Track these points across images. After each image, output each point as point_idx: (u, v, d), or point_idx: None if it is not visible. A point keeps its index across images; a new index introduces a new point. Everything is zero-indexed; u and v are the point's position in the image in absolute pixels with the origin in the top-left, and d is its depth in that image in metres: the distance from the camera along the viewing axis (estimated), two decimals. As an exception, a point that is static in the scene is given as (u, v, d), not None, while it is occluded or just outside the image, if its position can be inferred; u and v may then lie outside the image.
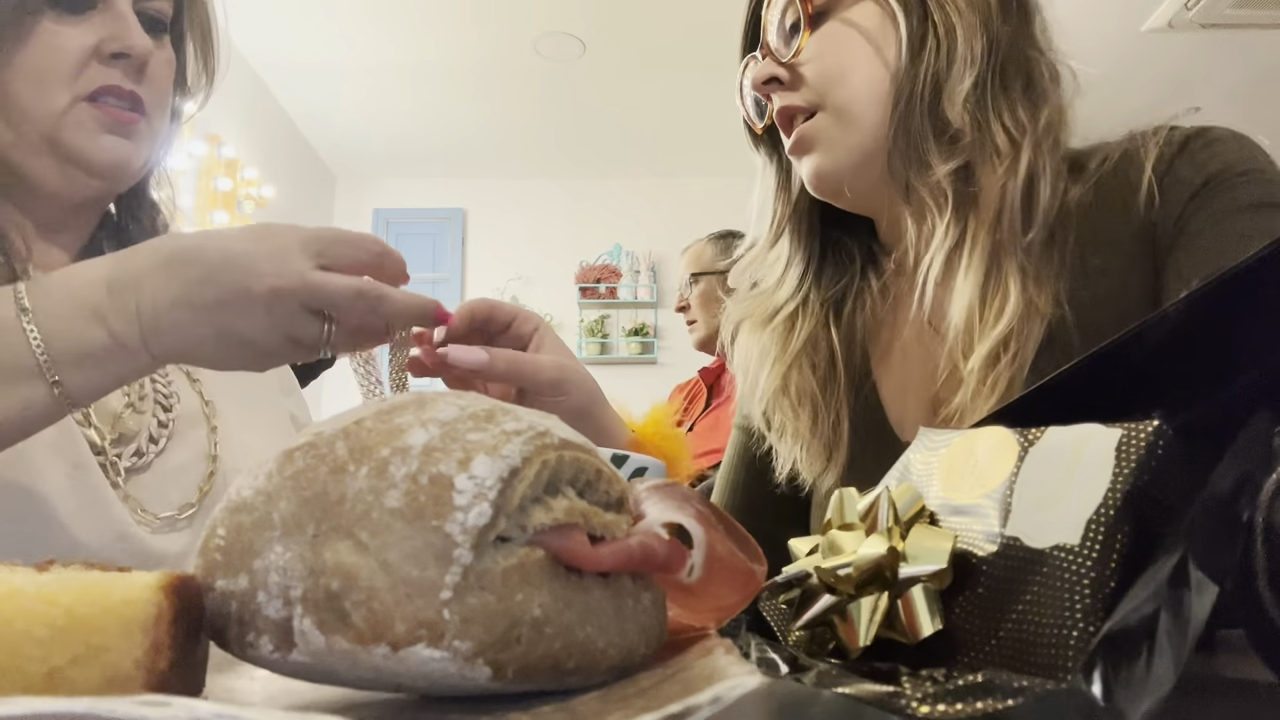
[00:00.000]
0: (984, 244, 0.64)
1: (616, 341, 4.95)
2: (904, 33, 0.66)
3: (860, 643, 0.30)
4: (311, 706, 0.27)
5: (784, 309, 0.77)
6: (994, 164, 0.64)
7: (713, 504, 0.35)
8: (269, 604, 0.24)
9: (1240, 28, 3.33)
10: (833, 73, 0.68)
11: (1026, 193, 0.64)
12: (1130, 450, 0.27)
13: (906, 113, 0.66)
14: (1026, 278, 0.62)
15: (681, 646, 0.30)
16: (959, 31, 0.65)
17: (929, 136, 0.65)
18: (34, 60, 0.63)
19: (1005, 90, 0.66)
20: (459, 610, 0.23)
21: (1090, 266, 0.63)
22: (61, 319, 0.50)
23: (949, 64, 0.65)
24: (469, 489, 0.24)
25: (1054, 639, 0.26)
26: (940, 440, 0.36)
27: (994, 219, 0.64)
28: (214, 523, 0.27)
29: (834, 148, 0.69)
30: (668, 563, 0.29)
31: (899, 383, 0.74)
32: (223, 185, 3.41)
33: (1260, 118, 3.16)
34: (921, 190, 0.66)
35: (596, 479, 0.28)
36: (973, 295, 0.63)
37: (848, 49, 0.68)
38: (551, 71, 3.91)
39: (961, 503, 0.32)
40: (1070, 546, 0.26)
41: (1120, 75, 3.79)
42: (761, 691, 0.21)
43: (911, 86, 0.66)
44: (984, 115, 0.65)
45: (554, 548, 0.26)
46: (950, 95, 0.64)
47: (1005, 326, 0.61)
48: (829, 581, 0.33)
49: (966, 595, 0.30)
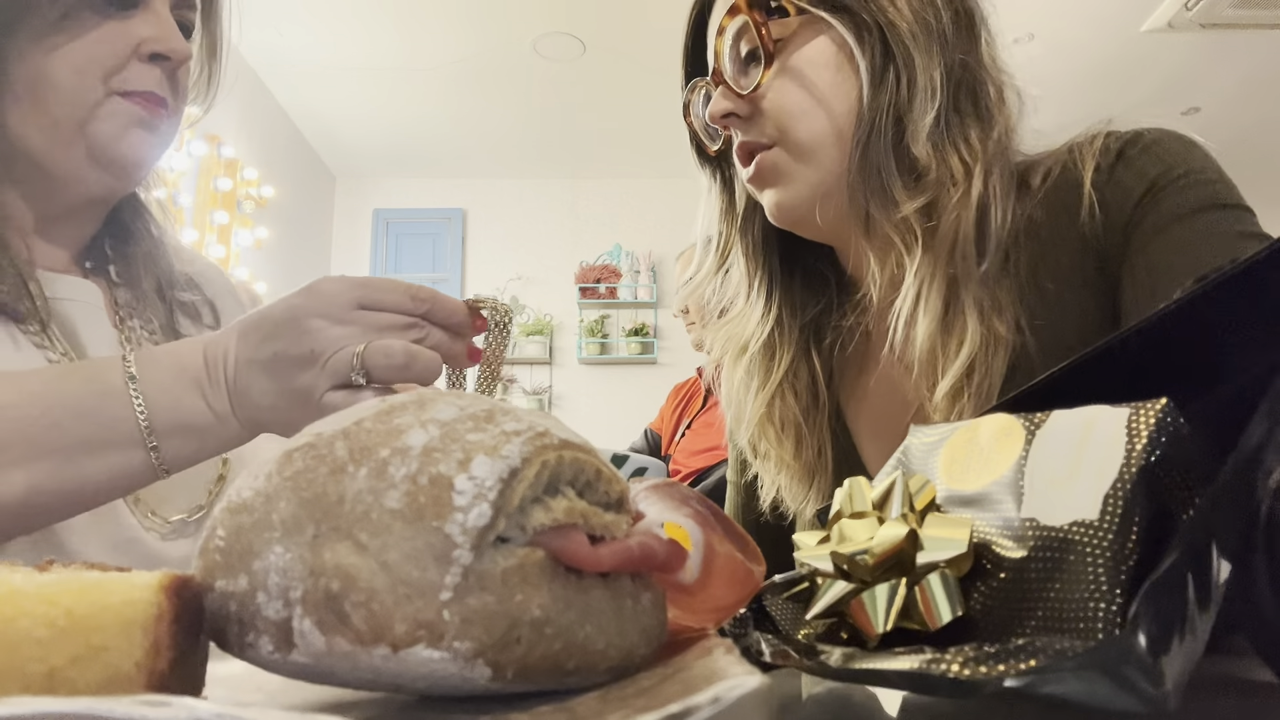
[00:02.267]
0: (941, 277, 0.63)
1: (616, 341, 4.95)
2: (864, 67, 0.64)
3: (879, 630, 0.30)
4: (311, 707, 0.27)
5: (758, 333, 0.76)
6: (949, 194, 0.63)
7: (712, 504, 0.36)
8: (269, 605, 0.24)
9: (1240, 28, 3.33)
10: (792, 110, 0.66)
11: (979, 222, 0.63)
12: (1141, 426, 0.27)
13: (869, 148, 0.64)
14: (984, 308, 0.62)
15: (681, 646, 0.30)
16: (917, 61, 0.63)
17: (894, 173, 0.64)
18: (78, 50, 0.64)
19: (960, 116, 0.65)
20: (459, 611, 0.23)
21: (1045, 290, 0.62)
22: (165, 389, 0.52)
23: (910, 97, 0.63)
24: (469, 489, 0.24)
25: (1081, 614, 0.25)
26: (935, 433, 0.36)
27: (949, 251, 0.63)
28: (214, 523, 0.27)
29: (794, 182, 0.68)
30: (667, 563, 0.29)
31: (869, 418, 0.74)
32: (223, 185, 3.42)
33: (1260, 118, 3.17)
34: (887, 227, 0.65)
35: (596, 479, 0.28)
36: (933, 329, 0.62)
37: (806, 84, 0.66)
38: (551, 71, 3.91)
39: (968, 491, 0.32)
40: (1090, 522, 0.26)
41: (1120, 75, 3.79)
42: (762, 691, 0.21)
43: (873, 120, 0.64)
44: (943, 146, 0.64)
45: (554, 548, 0.26)
46: (914, 131, 0.63)
47: (966, 358, 0.61)
48: (845, 568, 0.32)
49: (984, 581, 0.29)
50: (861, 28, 0.65)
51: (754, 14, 0.66)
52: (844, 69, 0.66)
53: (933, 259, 0.63)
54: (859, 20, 0.65)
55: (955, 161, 0.64)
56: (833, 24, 0.65)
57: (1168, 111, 4.46)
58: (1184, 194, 0.60)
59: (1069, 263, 0.63)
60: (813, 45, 0.67)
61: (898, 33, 0.64)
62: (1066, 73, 3.67)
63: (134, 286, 0.75)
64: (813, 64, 0.66)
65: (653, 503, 0.33)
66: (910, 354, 0.64)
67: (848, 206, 0.67)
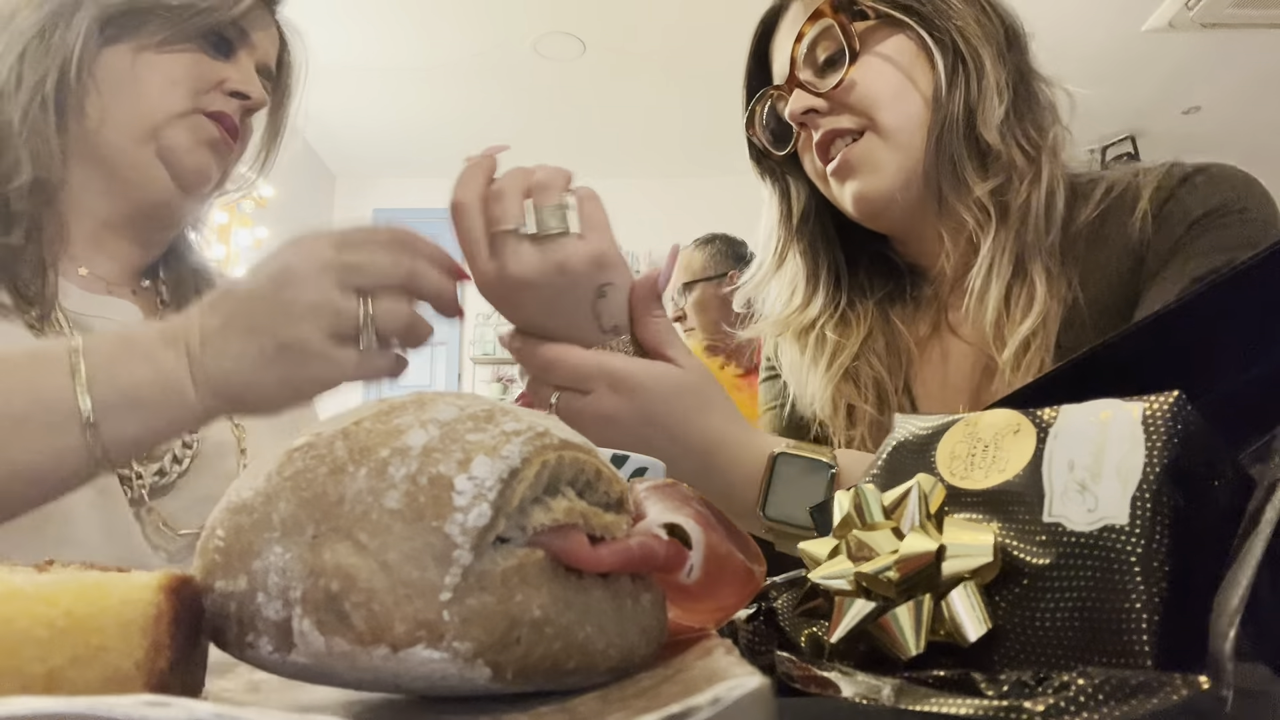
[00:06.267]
0: (1012, 249, 0.70)
1: (616, 341, 4.95)
2: (940, 62, 0.71)
3: (911, 651, 0.28)
4: (311, 707, 0.27)
5: (826, 316, 0.83)
6: (1017, 179, 0.70)
7: (712, 504, 0.35)
8: (268, 605, 0.24)
9: (1240, 28, 3.33)
10: (881, 95, 0.73)
11: (1048, 201, 0.70)
12: (1158, 423, 0.27)
13: (944, 137, 0.71)
14: (1050, 275, 0.69)
15: (681, 647, 0.30)
16: (986, 61, 0.71)
17: (965, 159, 0.71)
18: (174, 67, 0.72)
19: (1019, 114, 0.72)
20: (459, 611, 0.23)
21: (1092, 262, 0.70)
22: (110, 357, 0.49)
23: (981, 91, 0.71)
24: (469, 490, 0.24)
25: (1120, 623, 0.25)
26: (926, 425, 0.36)
27: (1020, 226, 0.70)
28: (213, 524, 0.27)
29: (879, 171, 0.74)
30: (668, 563, 0.29)
31: (936, 387, 0.79)
32: (223, 185, 3.41)
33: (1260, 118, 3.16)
34: (960, 208, 0.72)
35: (596, 479, 0.28)
36: (999, 296, 0.70)
37: (892, 72, 0.73)
38: (551, 71, 3.90)
39: (975, 489, 0.31)
40: (1120, 527, 0.26)
41: (1120, 75, 3.79)
42: (762, 692, 0.21)
43: (948, 113, 0.71)
44: (1009, 136, 0.71)
45: (554, 548, 0.26)
46: (986, 121, 0.70)
47: (1035, 320, 0.68)
48: (867, 586, 0.30)
49: (1005, 587, 0.28)
50: (933, 29, 0.72)
51: (839, 16, 0.73)
52: (919, 65, 0.73)
53: (1005, 234, 0.71)
54: (930, 24, 0.73)
55: (1017, 150, 0.71)
56: (909, 24, 0.73)
57: (1168, 111, 4.47)
58: (1237, 228, 0.65)
59: (1117, 264, 0.69)
60: (891, 42, 0.74)
61: (966, 35, 0.72)
62: (1067, 72, 3.65)
63: (180, 308, 0.78)
64: (889, 62, 0.73)
65: (653, 503, 0.33)
66: (983, 319, 0.71)
67: (923, 191, 0.74)
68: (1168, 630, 0.24)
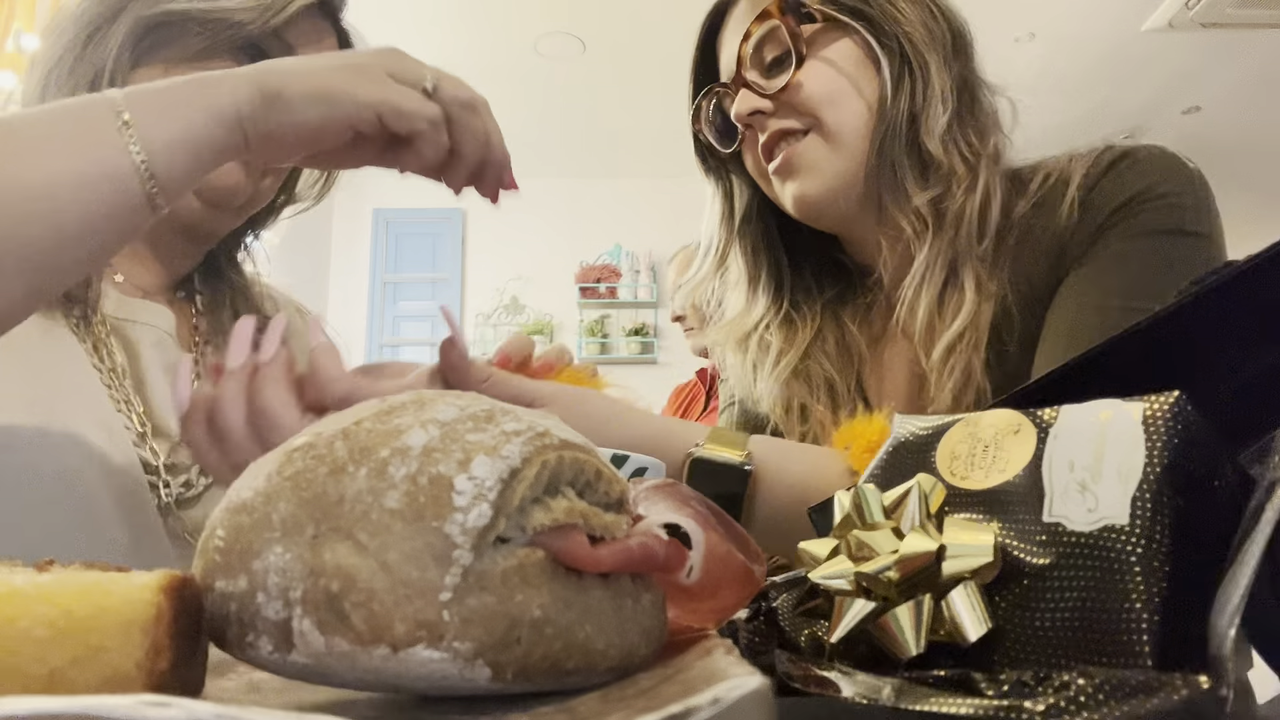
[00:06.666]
0: (945, 256, 0.71)
1: (616, 341, 4.94)
2: (886, 68, 0.71)
3: (911, 651, 0.28)
4: (311, 707, 0.27)
5: (768, 318, 0.82)
6: (956, 186, 0.70)
7: (712, 504, 0.35)
8: (268, 605, 0.24)
9: (1240, 28, 3.33)
10: (829, 94, 0.72)
11: (982, 209, 0.70)
12: (1159, 422, 0.27)
13: (887, 144, 0.71)
14: (980, 279, 0.70)
15: (681, 647, 0.30)
16: (932, 68, 0.71)
17: (906, 167, 0.71)
18: None
19: (962, 122, 0.73)
20: (459, 611, 0.23)
21: (1023, 259, 0.70)
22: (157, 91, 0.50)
23: (926, 99, 0.71)
24: (469, 490, 0.24)
25: (1120, 623, 0.25)
26: (926, 425, 0.36)
27: (954, 234, 0.70)
28: (213, 524, 0.27)
29: (820, 172, 0.73)
30: (667, 563, 0.29)
31: (887, 387, 0.79)
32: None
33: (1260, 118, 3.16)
34: (898, 216, 0.72)
35: (596, 479, 0.28)
36: (931, 302, 0.70)
37: (837, 74, 0.73)
38: (551, 71, 3.90)
39: (976, 489, 0.31)
40: (1120, 527, 0.26)
41: (1120, 75, 3.79)
42: (762, 692, 0.21)
43: (892, 120, 0.71)
44: (951, 145, 0.71)
45: (554, 548, 0.26)
46: (929, 129, 0.70)
47: (962, 323, 0.68)
48: (865, 584, 0.31)
49: (1005, 587, 0.28)
50: (881, 34, 0.72)
51: (786, 18, 0.72)
52: (865, 70, 0.73)
53: (940, 241, 0.71)
54: (878, 28, 0.72)
55: (960, 159, 0.71)
56: (856, 28, 0.72)
57: (1168, 111, 4.47)
58: (1155, 214, 0.65)
59: (1046, 253, 0.69)
60: (837, 46, 0.73)
61: (913, 41, 0.71)
62: (1067, 72, 3.66)
63: (215, 316, 0.80)
64: (839, 62, 0.73)
65: (653, 503, 0.33)
66: (914, 325, 0.72)
67: (863, 196, 0.74)
68: (1168, 630, 0.24)
